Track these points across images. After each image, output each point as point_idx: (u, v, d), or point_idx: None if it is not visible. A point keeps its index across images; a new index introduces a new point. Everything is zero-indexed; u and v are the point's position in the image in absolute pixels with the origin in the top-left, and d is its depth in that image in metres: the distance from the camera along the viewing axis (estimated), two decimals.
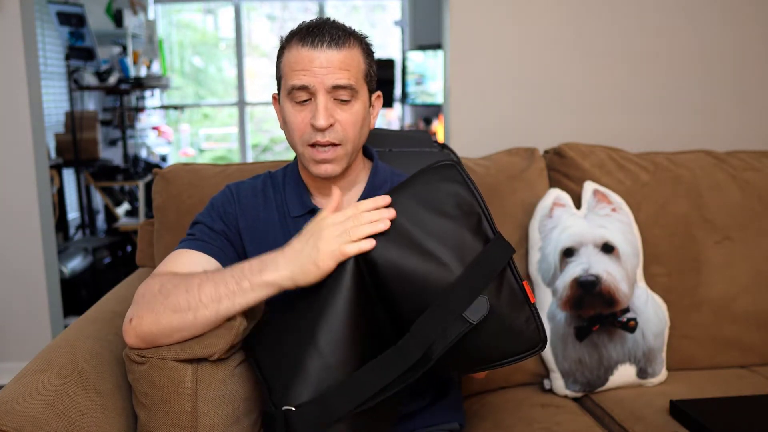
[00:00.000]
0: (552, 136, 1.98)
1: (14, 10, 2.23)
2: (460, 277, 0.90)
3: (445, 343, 0.88)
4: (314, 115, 1.03)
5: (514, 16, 2.09)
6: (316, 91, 1.03)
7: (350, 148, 1.07)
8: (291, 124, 1.06)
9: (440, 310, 0.89)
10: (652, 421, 1.29)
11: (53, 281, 2.47)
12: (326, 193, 1.14)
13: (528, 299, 0.94)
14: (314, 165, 1.07)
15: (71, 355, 1.02)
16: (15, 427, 0.83)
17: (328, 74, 1.02)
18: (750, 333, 1.60)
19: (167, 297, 0.95)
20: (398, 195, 0.97)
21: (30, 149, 2.32)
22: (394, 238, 0.93)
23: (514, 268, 0.94)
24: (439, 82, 4.90)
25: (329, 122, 1.03)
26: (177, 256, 1.08)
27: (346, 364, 0.89)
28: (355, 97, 1.05)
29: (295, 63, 1.04)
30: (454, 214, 0.95)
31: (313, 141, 1.04)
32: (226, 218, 1.14)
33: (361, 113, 1.07)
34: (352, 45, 1.05)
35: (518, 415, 1.35)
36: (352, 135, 1.06)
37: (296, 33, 1.06)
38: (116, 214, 4.06)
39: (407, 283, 0.91)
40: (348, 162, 1.09)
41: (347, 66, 1.03)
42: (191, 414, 0.98)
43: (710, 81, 2.15)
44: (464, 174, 0.98)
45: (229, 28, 6.13)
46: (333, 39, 1.03)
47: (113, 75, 4.22)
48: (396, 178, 1.19)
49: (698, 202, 1.62)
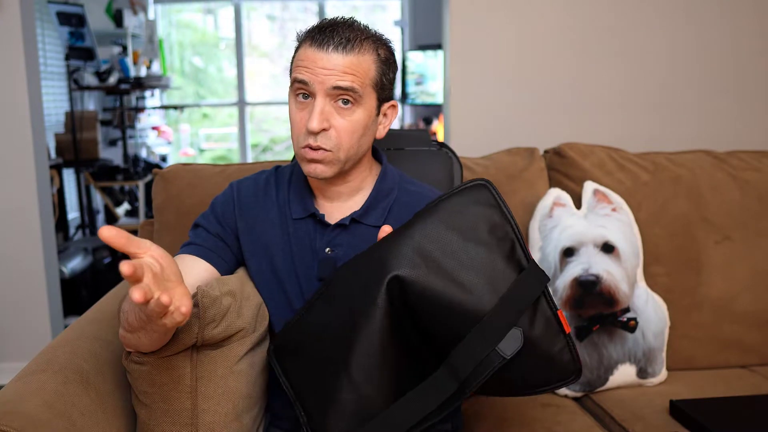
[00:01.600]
0: (552, 136, 1.98)
1: (14, 10, 2.23)
2: (494, 308, 0.88)
3: (480, 376, 0.87)
4: (309, 117, 1.00)
5: (514, 16, 2.09)
6: (315, 92, 1.00)
7: (342, 156, 1.03)
8: (291, 122, 1.05)
9: (475, 342, 0.88)
10: (652, 421, 1.29)
11: (53, 281, 2.47)
12: (329, 197, 1.12)
13: (563, 329, 0.91)
14: (305, 164, 1.04)
15: (71, 355, 1.02)
16: (15, 427, 0.83)
17: (330, 76, 0.99)
18: (750, 333, 1.60)
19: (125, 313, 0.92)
20: (426, 220, 0.92)
21: (30, 149, 2.32)
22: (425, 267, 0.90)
23: (549, 298, 0.91)
24: (439, 82, 4.91)
25: (322, 126, 1.00)
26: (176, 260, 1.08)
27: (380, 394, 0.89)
28: (357, 103, 1.01)
29: (301, 60, 1.02)
30: (487, 240, 0.91)
31: (306, 143, 1.02)
32: (223, 220, 1.14)
33: (361, 121, 1.03)
34: (364, 51, 1.01)
35: (518, 415, 1.35)
36: (346, 143, 1.02)
37: (310, 31, 1.04)
38: (116, 214, 4.06)
39: (441, 314, 0.89)
40: (340, 168, 1.05)
41: (353, 71, 1.00)
42: (191, 411, 0.98)
43: (710, 81, 2.15)
44: (497, 196, 0.95)
45: (229, 28, 6.13)
46: (341, 42, 0.99)
47: (113, 75, 4.22)
48: (405, 185, 1.16)
49: (698, 202, 1.62)
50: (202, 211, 1.20)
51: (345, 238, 1.09)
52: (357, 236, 1.09)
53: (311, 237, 1.10)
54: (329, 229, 1.10)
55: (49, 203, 2.47)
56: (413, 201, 1.12)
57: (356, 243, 1.08)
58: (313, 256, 1.10)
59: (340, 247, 1.09)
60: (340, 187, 1.11)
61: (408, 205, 1.11)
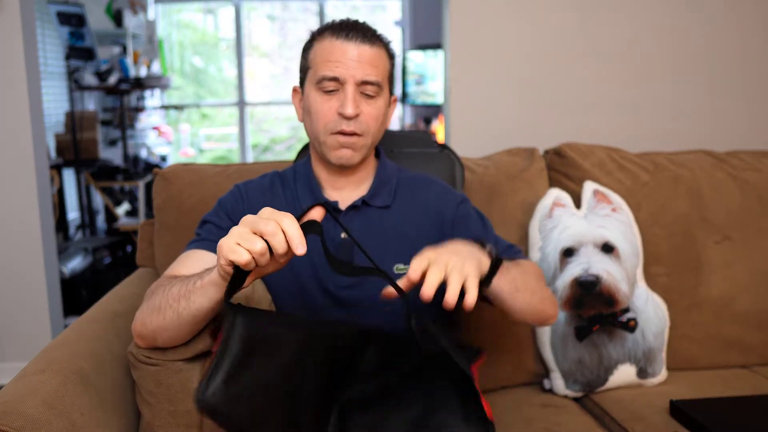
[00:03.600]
0: (552, 136, 1.98)
1: (14, 10, 2.23)
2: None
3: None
4: (343, 103, 1.06)
5: (514, 16, 2.09)
6: (345, 82, 1.06)
7: (370, 141, 1.11)
8: (317, 113, 1.09)
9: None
10: (652, 421, 1.29)
11: (53, 281, 2.47)
12: (338, 187, 1.17)
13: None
14: (334, 151, 1.10)
15: (71, 355, 1.02)
16: (15, 427, 0.83)
17: (359, 68, 1.06)
18: (750, 333, 1.60)
19: (150, 298, 0.97)
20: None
21: (30, 149, 2.32)
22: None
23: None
24: (439, 82, 4.91)
25: (357, 112, 1.07)
26: (184, 258, 1.09)
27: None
28: (379, 94, 1.10)
29: (328, 53, 1.07)
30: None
31: (339, 129, 1.08)
32: (233, 215, 1.15)
33: (383, 109, 1.12)
34: (380, 46, 1.10)
35: (518, 415, 1.35)
36: (373, 128, 1.10)
37: (329, 26, 1.10)
38: (116, 214, 4.06)
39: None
40: (365, 154, 1.13)
41: (376, 63, 1.08)
42: (197, 413, 0.98)
43: (710, 81, 2.15)
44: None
45: (229, 28, 6.13)
46: (366, 35, 1.08)
47: (113, 75, 4.21)
48: (402, 174, 1.23)
49: (698, 202, 1.62)
50: (202, 211, 1.20)
51: (357, 221, 1.14)
52: (368, 218, 1.15)
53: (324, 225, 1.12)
54: (341, 215, 1.14)
55: (49, 203, 2.47)
56: (414, 181, 1.22)
57: (368, 225, 1.14)
58: (328, 242, 1.11)
59: (354, 231, 1.13)
60: (350, 176, 1.17)
61: (410, 185, 1.21)
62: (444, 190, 1.22)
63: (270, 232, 0.77)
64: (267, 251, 0.78)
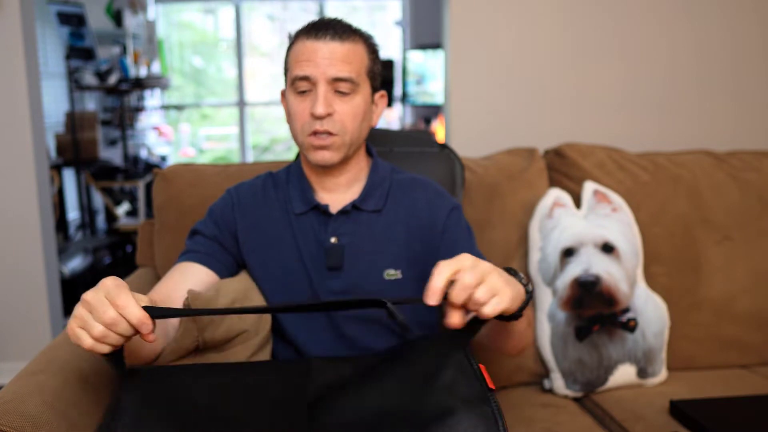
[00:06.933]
0: (552, 136, 1.98)
1: (14, 10, 2.23)
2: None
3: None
4: (313, 103, 1.04)
5: (514, 16, 2.09)
6: (317, 81, 1.05)
7: (348, 139, 1.08)
8: (294, 115, 1.09)
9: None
10: (652, 421, 1.29)
11: (53, 281, 2.47)
12: (329, 189, 1.15)
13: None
14: (312, 152, 1.08)
15: (71, 355, 1.03)
16: (15, 427, 0.83)
17: (330, 65, 1.04)
18: (750, 333, 1.60)
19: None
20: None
21: (30, 149, 2.32)
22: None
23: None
24: (439, 82, 4.90)
25: (327, 111, 1.05)
26: (173, 272, 1.11)
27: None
28: (355, 90, 1.07)
29: (300, 54, 1.06)
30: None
31: (312, 129, 1.06)
32: (220, 223, 1.15)
33: (361, 107, 1.08)
34: (356, 41, 1.07)
35: (518, 415, 1.35)
36: (350, 127, 1.07)
37: (303, 28, 1.09)
38: (116, 214, 4.06)
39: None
40: (346, 153, 1.10)
41: (349, 60, 1.05)
42: None
43: (710, 81, 2.15)
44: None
45: (229, 28, 6.13)
46: (337, 33, 1.05)
47: (113, 75, 4.21)
48: (396, 175, 1.20)
49: (698, 202, 1.62)
50: (202, 212, 1.20)
51: (348, 226, 1.13)
52: (359, 223, 1.13)
53: (315, 229, 1.13)
54: (332, 219, 1.13)
55: (49, 203, 2.47)
56: (407, 184, 1.18)
57: (359, 229, 1.13)
58: (319, 247, 1.12)
59: (345, 235, 1.12)
60: (339, 177, 1.14)
61: (403, 187, 1.18)
62: (437, 195, 1.18)
63: (110, 322, 0.72)
64: (110, 332, 0.72)
